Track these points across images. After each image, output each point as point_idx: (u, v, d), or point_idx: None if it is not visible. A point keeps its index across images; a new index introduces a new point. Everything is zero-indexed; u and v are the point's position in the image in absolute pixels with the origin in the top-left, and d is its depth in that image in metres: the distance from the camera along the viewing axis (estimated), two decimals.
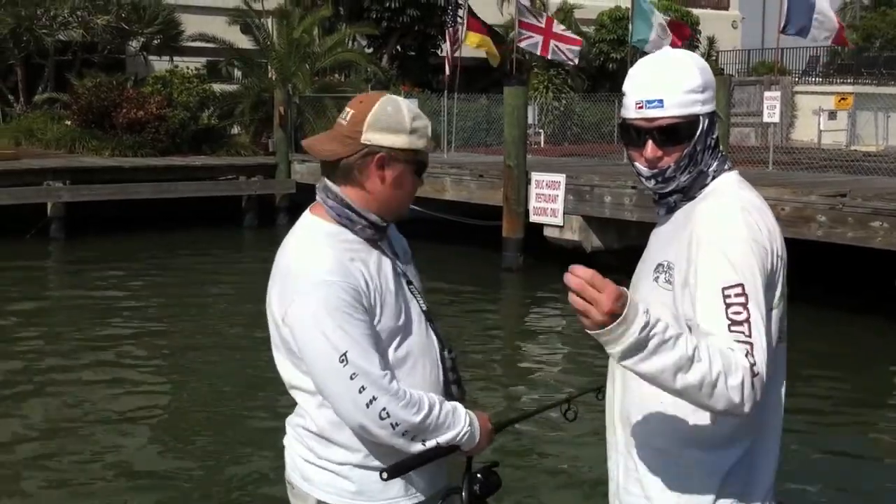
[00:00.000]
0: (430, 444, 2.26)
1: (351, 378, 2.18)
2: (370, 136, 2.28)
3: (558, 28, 19.69)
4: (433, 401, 2.28)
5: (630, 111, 2.16)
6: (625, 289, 1.84)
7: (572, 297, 1.80)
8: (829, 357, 9.17)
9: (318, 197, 2.38)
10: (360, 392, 2.18)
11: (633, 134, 2.17)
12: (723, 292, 1.99)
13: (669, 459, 2.19)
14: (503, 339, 10.45)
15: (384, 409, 2.19)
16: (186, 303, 11.46)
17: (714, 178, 2.18)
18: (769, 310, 2.04)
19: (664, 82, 2.11)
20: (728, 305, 1.98)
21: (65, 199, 16.06)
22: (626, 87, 2.18)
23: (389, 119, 2.29)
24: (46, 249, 15.34)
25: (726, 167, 2.21)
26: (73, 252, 15.16)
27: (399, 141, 2.30)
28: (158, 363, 8.62)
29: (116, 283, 12.64)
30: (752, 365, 1.93)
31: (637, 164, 2.21)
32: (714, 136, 2.18)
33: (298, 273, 2.26)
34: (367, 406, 2.18)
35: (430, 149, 2.40)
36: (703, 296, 2.02)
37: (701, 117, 2.13)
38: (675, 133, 2.13)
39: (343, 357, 2.18)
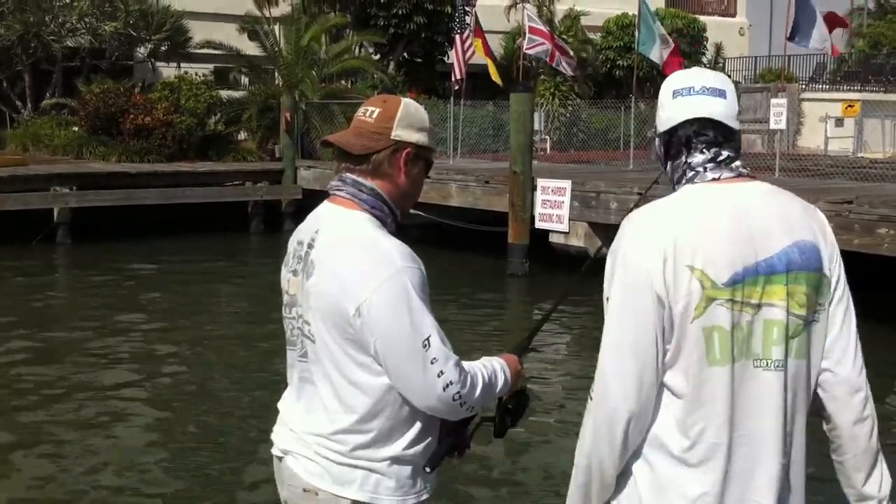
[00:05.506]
0: (478, 409, 2.42)
1: (431, 363, 2.26)
2: (400, 133, 2.40)
3: (559, 41, 19.81)
4: (485, 373, 2.41)
5: None
6: None
7: None
8: None
9: (344, 192, 2.40)
10: (438, 376, 2.27)
11: None
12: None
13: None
14: (507, 345, 10.42)
15: (458, 392, 2.29)
16: (192, 308, 11.47)
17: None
18: (661, 323, 2.08)
19: None
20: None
21: (71, 205, 16.10)
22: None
23: (413, 117, 2.43)
24: (53, 255, 15.39)
25: (685, 181, 2.23)
26: (80, 257, 15.19)
27: (423, 138, 2.45)
28: (164, 368, 8.63)
29: (122, 288, 12.67)
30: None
31: None
32: (662, 149, 2.28)
33: (374, 262, 2.28)
34: (444, 389, 2.27)
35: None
36: None
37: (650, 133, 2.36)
38: None
39: (426, 342, 2.26)
